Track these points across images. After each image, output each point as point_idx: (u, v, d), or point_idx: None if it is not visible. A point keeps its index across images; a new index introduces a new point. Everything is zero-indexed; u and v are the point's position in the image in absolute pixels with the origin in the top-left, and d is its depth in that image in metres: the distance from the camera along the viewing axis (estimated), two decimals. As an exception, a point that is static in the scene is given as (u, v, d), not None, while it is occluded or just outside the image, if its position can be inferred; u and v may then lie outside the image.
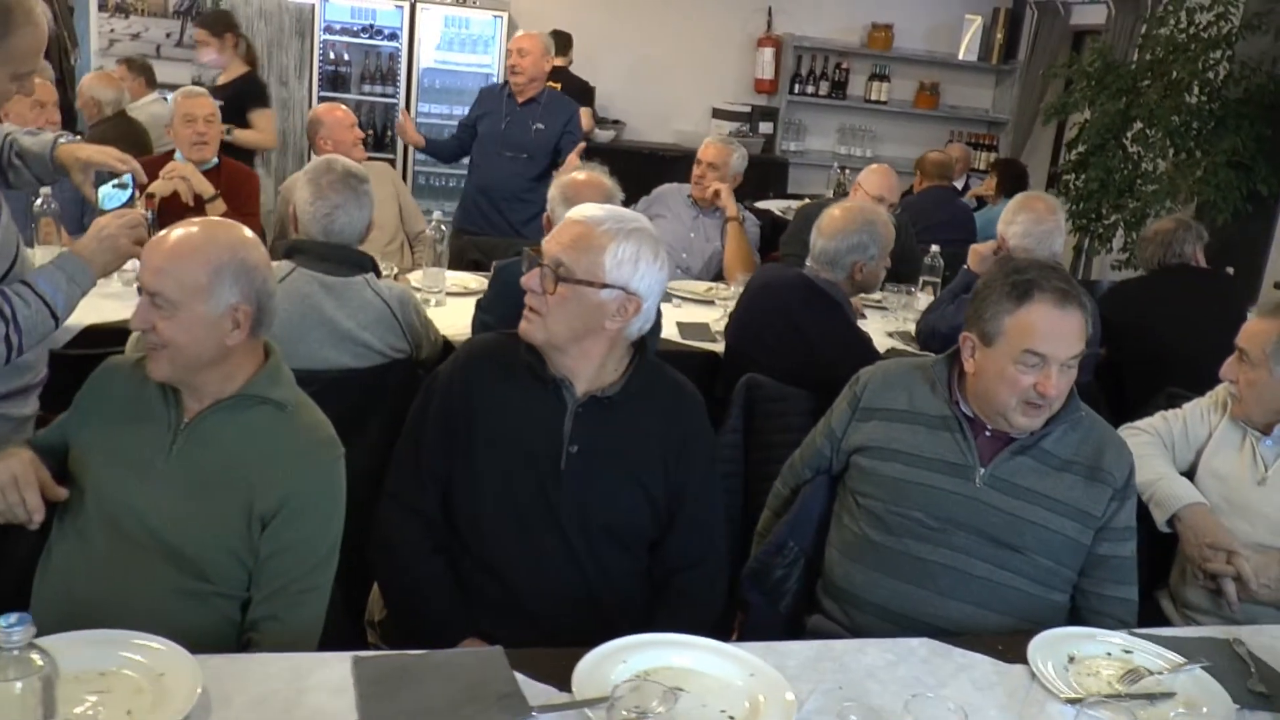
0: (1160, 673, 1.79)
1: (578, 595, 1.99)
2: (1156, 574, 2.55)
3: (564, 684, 1.58)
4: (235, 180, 4.20)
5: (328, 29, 7.49)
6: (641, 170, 6.35)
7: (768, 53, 7.94)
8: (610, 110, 7.92)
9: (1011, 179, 6.16)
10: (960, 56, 8.35)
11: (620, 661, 1.63)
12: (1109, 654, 1.86)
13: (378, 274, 2.94)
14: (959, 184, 7.01)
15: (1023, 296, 2.00)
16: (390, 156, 7.57)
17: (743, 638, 2.27)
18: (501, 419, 2.00)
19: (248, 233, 1.90)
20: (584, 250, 1.92)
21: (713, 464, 2.13)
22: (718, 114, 7.86)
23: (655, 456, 2.02)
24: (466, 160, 5.30)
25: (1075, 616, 2.09)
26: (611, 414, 2.00)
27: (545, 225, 3.12)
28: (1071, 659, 1.82)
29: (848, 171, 6.70)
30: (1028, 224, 3.45)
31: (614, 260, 1.92)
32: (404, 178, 7.71)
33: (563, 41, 7.35)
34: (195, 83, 7.71)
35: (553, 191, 3.15)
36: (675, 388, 2.10)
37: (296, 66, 7.58)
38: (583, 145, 4.97)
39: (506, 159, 4.96)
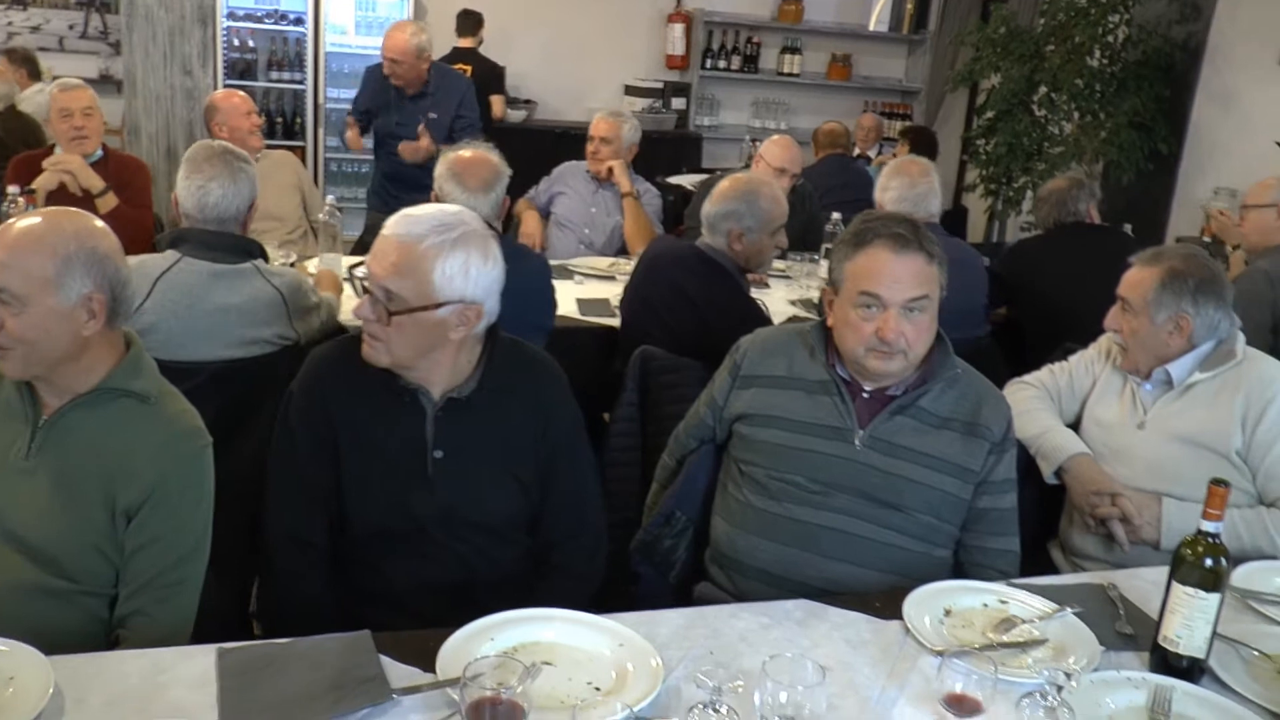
0: (1033, 621, 1.82)
1: (459, 585, 1.95)
2: (1048, 524, 2.60)
3: (431, 665, 1.56)
4: (125, 172, 4.10)
5: (230, 15, 7.31)
6: (555, 149, 6.30)
7: (678, 28, 7.91)
8: (522, 90, 7.84)
9: (921, 146, 6.20)
10: (871, 27, 8.39)
11: (488, 639, 1.62)
12: (985, 605, 1.88)
13: (265, 260, 2.88)
14: (872, 153, 7.07)
15: (860, 242, 2.03)
16: (300, 144, 7.45)
17: (634, 610, 2.28)
18: (362, 431, 1.94)
19: (97, 222, 1.84)
20: (410, 273, 1.83)
21: (580, 434, 2.10)
22: (630, 91, 7.83)
23: (523, 443, 1.99)
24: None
25: (959, 570, 2.11)
26: (473, 412, 1.95)
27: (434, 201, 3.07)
28: (948, 612, 1.84)
29: (759, 144, 6.72)
30: (901, 189, 3.50)
31: (444, 277, 1.83)
32: (315, 165, 7.60)
33: (472, 21, 7.24)
34: (103, 76, 7.59)
35: (441, 169, 3.10)
36: (531, 365, 2.06)
37: (200, 54, 7.40)
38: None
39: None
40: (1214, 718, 1.61)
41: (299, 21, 7.42)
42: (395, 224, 1.88)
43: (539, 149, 6.43)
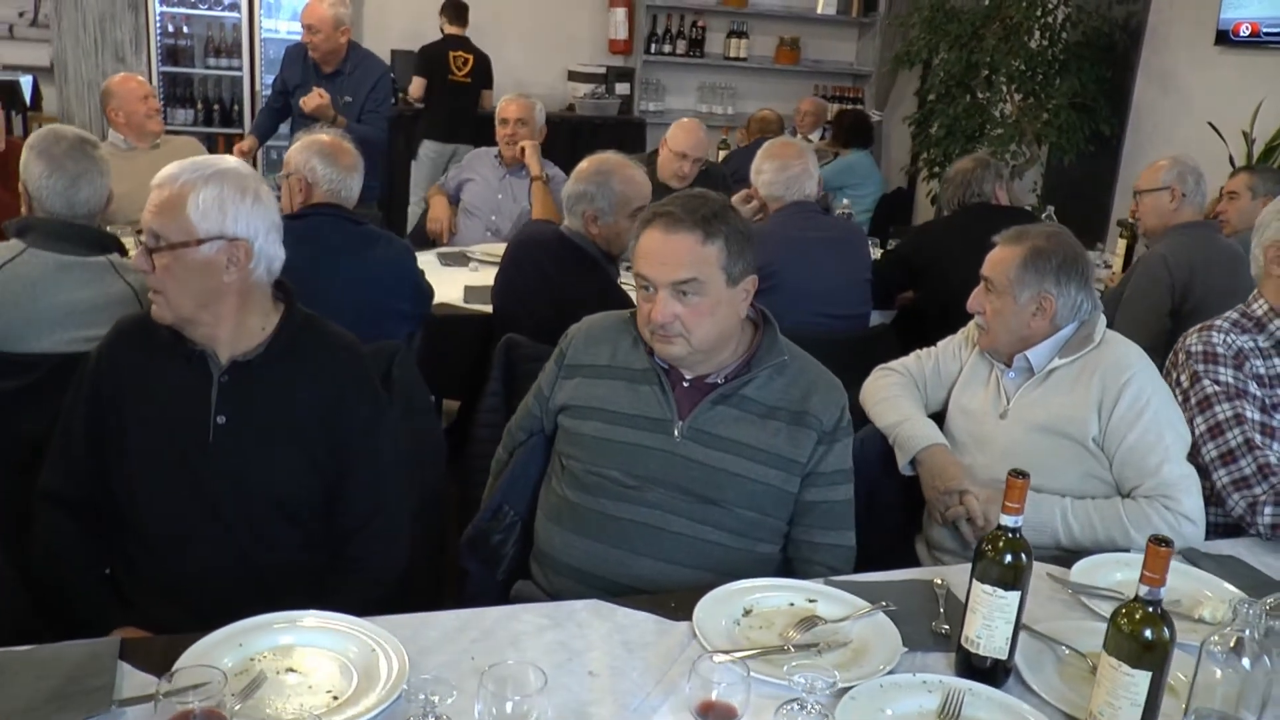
0: (841, 620, 1.73)
1: (241, 574, 1.88)
2: (915, 517, 2.51)
3: (172, 674, 1.46)
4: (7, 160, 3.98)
5: (165, 0, 7.19)
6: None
7: (620, 13, 7.79)
8: (464, 76, 7.72)
9: (847, 131, 6.12)
10: (819, 10, 8.28)
11: (236, 645, 1.52)
12: (791, 604, 1.78)
13: (122, 253, 2.78)
14: (813, 136, 6.96)
15: (644, 222, 1.96)
16: (239, 131, 7.34)
17: (461, 606, 2.19)
18: (147, 397, 1.90)
19: None
20: (170, 212, 1.82)
21: (379, 417, 2.01)
22: (573, 76, 7.71)
23: (313, 418, 1.91)
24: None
25: (787, 566, 2.02)
26: (260, 379, 1.89)
27: (300, 185, 2.98)
28: (747, 612, 1.74)
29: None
30: (773, 171, 3.42)
31: (199, 211, 1.81)
32: (255, 153, 7.48)
33: (458, 12, 7.05)
34: (55, 64, 7.43)
35: (305, 151, 3.00)
36: (328, 341, 1.98)
37: (133, 41, 7.27)
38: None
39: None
40: (1005, 722, 1.51)
41: (235, 7, 7.30)
42: (159, 173, 1.87)
43: (482, 136, 6.32)
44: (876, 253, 4.36)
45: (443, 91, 6.78)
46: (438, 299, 3.32)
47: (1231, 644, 1.34)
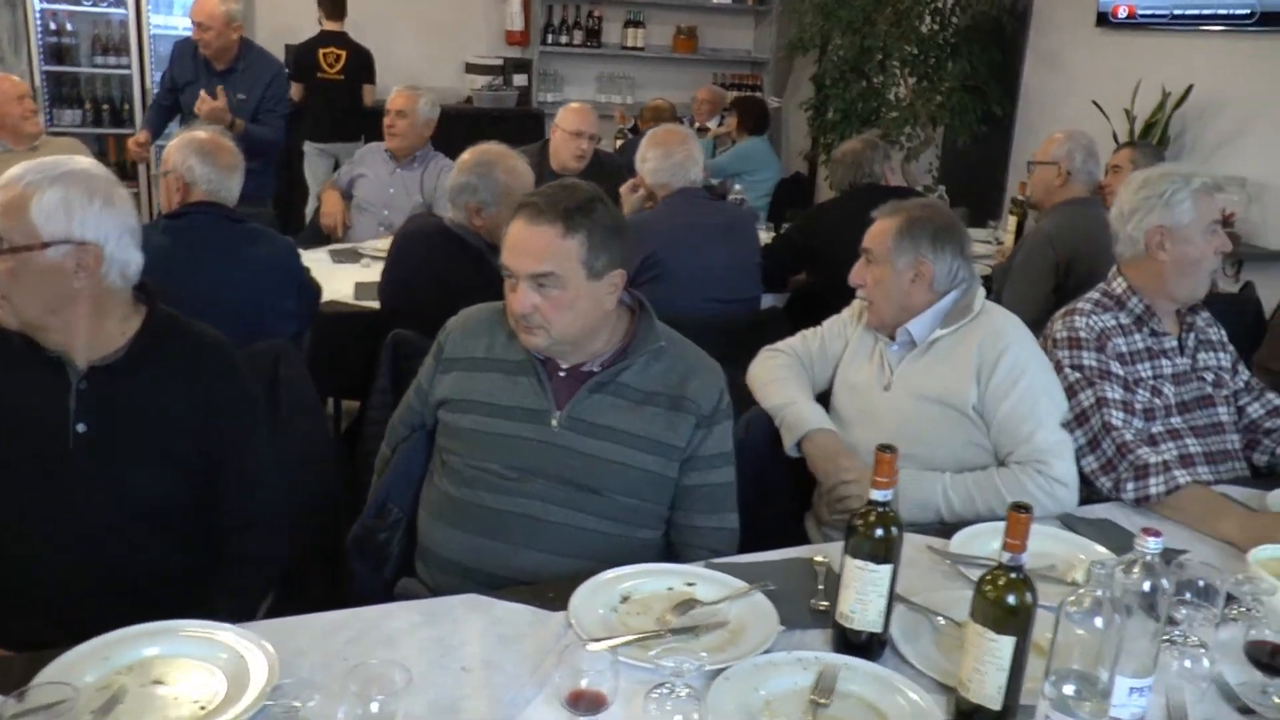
0: (719, 602, 1.74)
1: (113, 584, 1.82)
2: (803, 497, 2.53)
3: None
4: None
5: (45, -4, 6.98)
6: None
7: (515, 3, 7.74)
8: (359, 71, 7.60)
9: (751, 116, 6.15)
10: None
11: (102, 659, 1.48)
12: (670, 588, 1.79)
13: None
14: (711, 124, 7.00)
15: (513, 213, 1.95)
16: (129, 132, 7.14)
17: (347, 607, 2.16)
18: (3, 405, 1.82)
19: None
20: (13, 213, 1.72)
21: (252, 415, 1.97)
22: (470, 69, 7.65)
23: (181, 420, 1.86)
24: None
25: (670, 551, 2.03)
26: (122, 383, 1.83)
27: (177, 184, 2.91)
28: (625, 598, 1.75)
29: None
30: (657, 160, 3.43)
31: (42, 214, 1.73)
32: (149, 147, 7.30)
33: (335, 5, 6.92)
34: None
35: (184, 150, 2.95)
36: (194, 341, 1.93)
37: (11, 40, 7.02)
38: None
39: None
40: (879, 694, 1.53)
41: (120, 3, 7.09)
42: (6, 173, 1.78)
43: (365, 132, 6.25)
44: (768, 236, 4.39)
45: (315, 90, 6.68)
46: (328, 296, 3.28)
47: (1086, 604, 1.38)
